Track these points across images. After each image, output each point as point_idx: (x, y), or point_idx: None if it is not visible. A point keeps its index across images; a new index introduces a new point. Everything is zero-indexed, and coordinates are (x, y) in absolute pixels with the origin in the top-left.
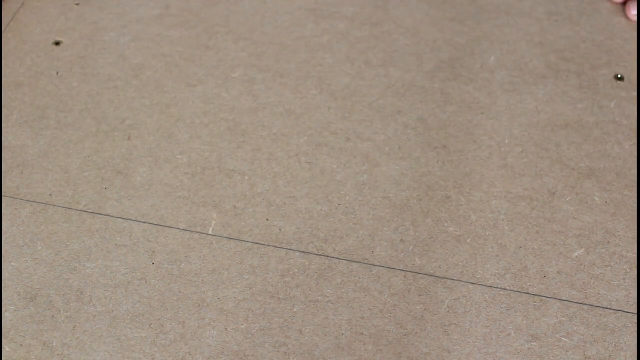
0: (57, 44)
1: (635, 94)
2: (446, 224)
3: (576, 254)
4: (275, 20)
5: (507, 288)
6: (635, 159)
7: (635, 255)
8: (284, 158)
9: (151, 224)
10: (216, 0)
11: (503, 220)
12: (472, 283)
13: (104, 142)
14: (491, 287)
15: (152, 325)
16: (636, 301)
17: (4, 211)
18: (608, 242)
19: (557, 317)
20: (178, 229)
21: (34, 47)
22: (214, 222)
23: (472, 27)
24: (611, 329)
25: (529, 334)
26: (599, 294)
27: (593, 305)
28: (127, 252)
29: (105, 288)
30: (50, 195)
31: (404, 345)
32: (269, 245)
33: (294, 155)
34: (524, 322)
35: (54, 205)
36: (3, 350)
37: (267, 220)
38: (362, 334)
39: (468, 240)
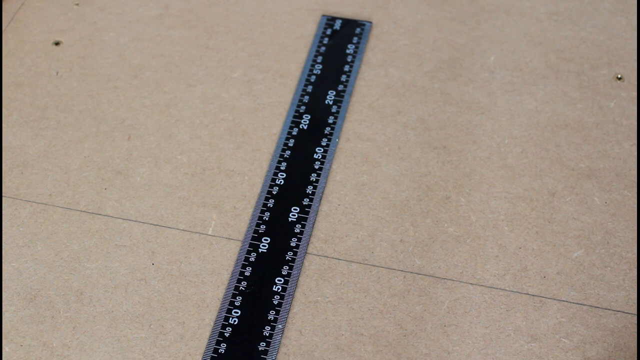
0: (57, 44)
1: (635, 94)
2: (446, 224)
3: (576, 255)
4: (275, 20)
5: (507, 288)
6: (635, 159)
7: (635, 256)
8: None
9: (151, 224)
10: (216, 0)
11: (503, 220)
12: (471, 283)
13: (103, 142)
14: (491, 287)
15: (152, 326)
16: (636, 301)
17: (3, 211)
18: (608, 242)
19: (557, 318)
20: (178, 229)
21: (33, 47)
22: (213, 222)
23: (472, 27)
24: (610, 329)
25: (528, 334)
26: (598, 294)
27: (592, 306)
28: (126, 253)
29: (105, 288)
30: (50, 195)
31: (403, 346)
32: None
33: None
34: (524, 323)
35: (54, 206)
36: (3, 350)
37: None
38: (361, 334)
39: (468, 241)
